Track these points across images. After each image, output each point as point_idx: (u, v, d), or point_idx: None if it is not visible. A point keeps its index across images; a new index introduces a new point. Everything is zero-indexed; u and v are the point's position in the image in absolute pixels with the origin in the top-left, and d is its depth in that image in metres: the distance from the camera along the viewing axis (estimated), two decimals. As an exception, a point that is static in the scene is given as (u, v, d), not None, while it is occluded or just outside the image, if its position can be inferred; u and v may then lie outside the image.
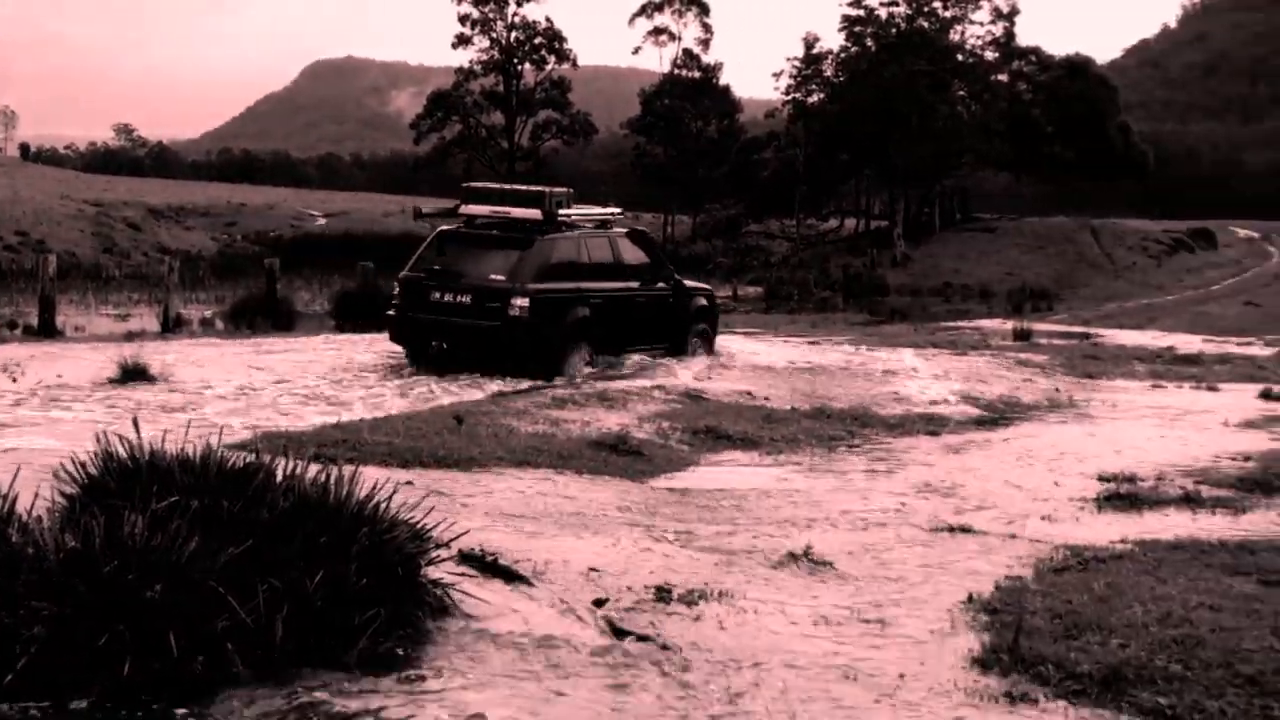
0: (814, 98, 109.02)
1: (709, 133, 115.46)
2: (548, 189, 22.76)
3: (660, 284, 24.13)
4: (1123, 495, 12.67)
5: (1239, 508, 12.28)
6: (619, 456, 13.85)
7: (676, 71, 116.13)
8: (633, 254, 23.62)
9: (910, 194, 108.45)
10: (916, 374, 24.40)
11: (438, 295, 21.30)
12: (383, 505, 7.25)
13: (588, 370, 21.59)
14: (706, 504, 11.83)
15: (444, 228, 22.71)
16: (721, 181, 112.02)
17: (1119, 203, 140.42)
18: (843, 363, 25.79)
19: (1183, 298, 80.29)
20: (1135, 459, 15.03)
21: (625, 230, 24.25)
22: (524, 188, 23.69)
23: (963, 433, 17.64)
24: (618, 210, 25.21)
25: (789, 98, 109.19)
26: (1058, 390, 22.93)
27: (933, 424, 18.15)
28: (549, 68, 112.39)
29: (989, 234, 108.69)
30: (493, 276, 21.05)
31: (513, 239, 21.66)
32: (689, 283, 25.59)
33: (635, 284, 23.45)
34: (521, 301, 20.77)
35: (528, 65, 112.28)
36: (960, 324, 44.90)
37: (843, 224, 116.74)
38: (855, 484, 13.30)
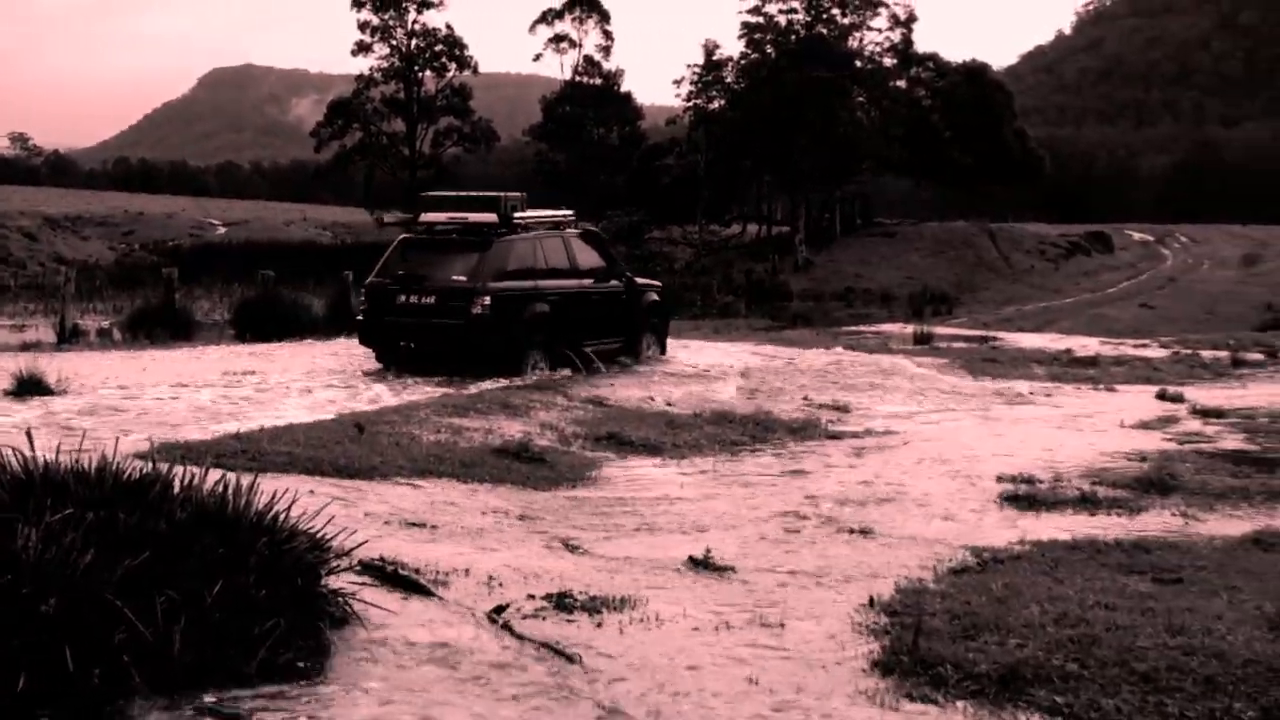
0: (715, 104, 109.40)
1: (611, 139, 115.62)
2: (503, 194, 23.89)
3: (613, 281, 25.39)
4: (1021, 496, 12.81)
5: (1134, 508, 12.44)
6: (521, 464, 13.84)
7: (578, 78, 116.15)
8: (586, 253, 24.91)
9: (812, 199, 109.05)
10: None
11: (403, 298, 22.49)
12: (282, 515, 7.19)
13: (546, 372, 22.69)
14: (608, 511, 11.83)
15: (405, 235, 23.95)
16: (624, 188, 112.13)
17: (1017, 207, 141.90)
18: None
19: (1080, 300, 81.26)
20: (1034, 460, 15.18)
21: (578, 231, 25.53)
22: (480, 194, 24.76)
23: (864, 436, 17.75)
24: (570, 212, 26.15)
25: (690, 104, 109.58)
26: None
27: (833, 429, 18.25)
28: (450, 75, 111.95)
29: (889, 239, 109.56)
30: (455, 278, 22.29)
31: (472, 242, 22.91)
32: (640, 280, 26.90)
33: (589, 281, 24.67)
34: (483, 300, 22.01)
35: (429, 72, 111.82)
36: (862, 328, 45.14)
37: (745, 230, 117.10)
38: (756, 488, 13.34)
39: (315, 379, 21.03)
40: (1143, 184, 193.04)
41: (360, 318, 23.40)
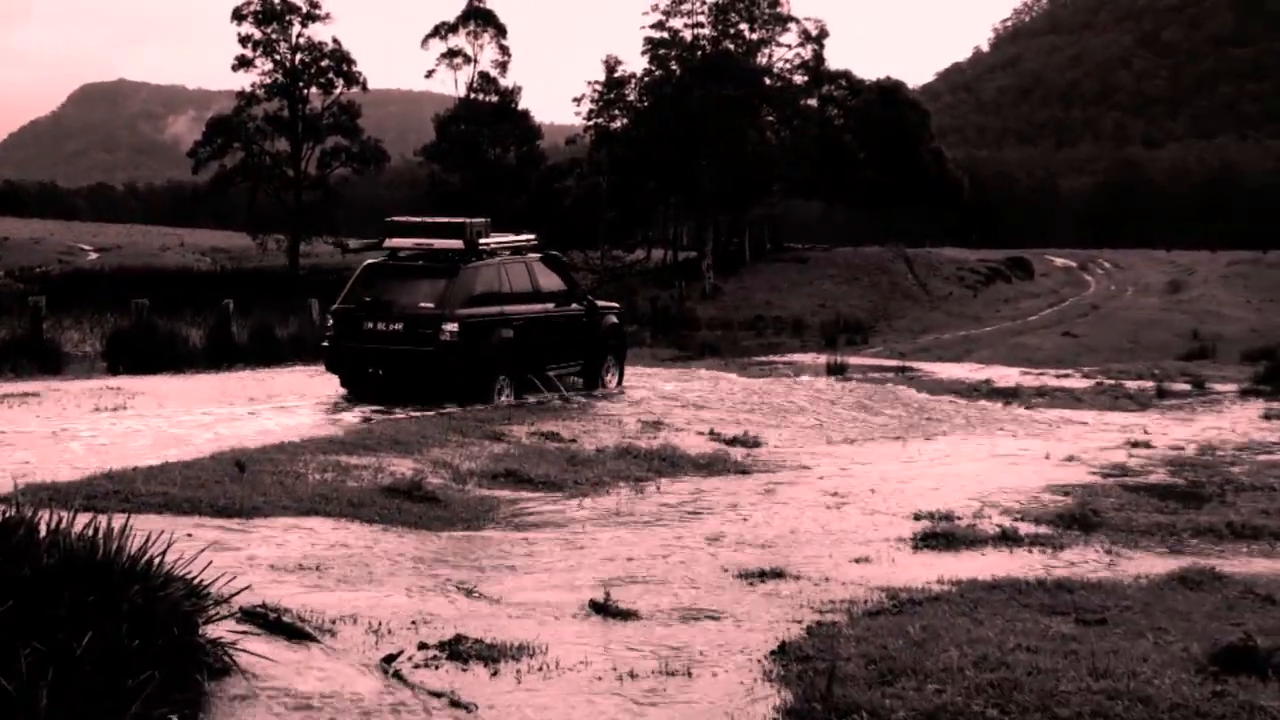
0: (617, 123, 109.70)
1: (508, 159, 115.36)
2: (468, 220, 25.04)
3: (574, 304, 26.65)
4: (939, 534, 12.87)
5: (1057, 545, 12.56)
6: (413, 504, 13.78)
7: (473, 95, 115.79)
8: (547, 278, 26.20)
9: (719, 223, 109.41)
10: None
11: (370, 325, 23.54)
12: (157, 560, 7.12)
13: (511, 399, 23.99)
14: (505, 552, 11.80)
15: (370, 261, 25.12)
16: (522, 210, 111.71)
17: (935, 231, 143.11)
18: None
19: (1000, 329, 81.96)
20: (953, 496, 15.29)
21: (539, 255, 26.59)
22: (445, 220, 25.87)
23: (775, 470, 17.81)
24: (532, 237, 27.31)
25: (591, 123, 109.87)
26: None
27: (743, 464, 18.31)
28: (337, 91, 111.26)
29: (801, 264, 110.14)
30: (423, 304, 23.39)
31: (438, 268, 24.01)
32: (600, 303, 28.10)
33: (551, 305, 25.94)
34: (451, 326, 23.15)
35: (314, 89, 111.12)
36: (773, 358, 45.31)
37: (649, 255, 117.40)
38: (661, 528, 13.34)
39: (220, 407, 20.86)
40: (1064, 206, 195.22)
41: (326, 344, 24.33)
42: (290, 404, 22.54)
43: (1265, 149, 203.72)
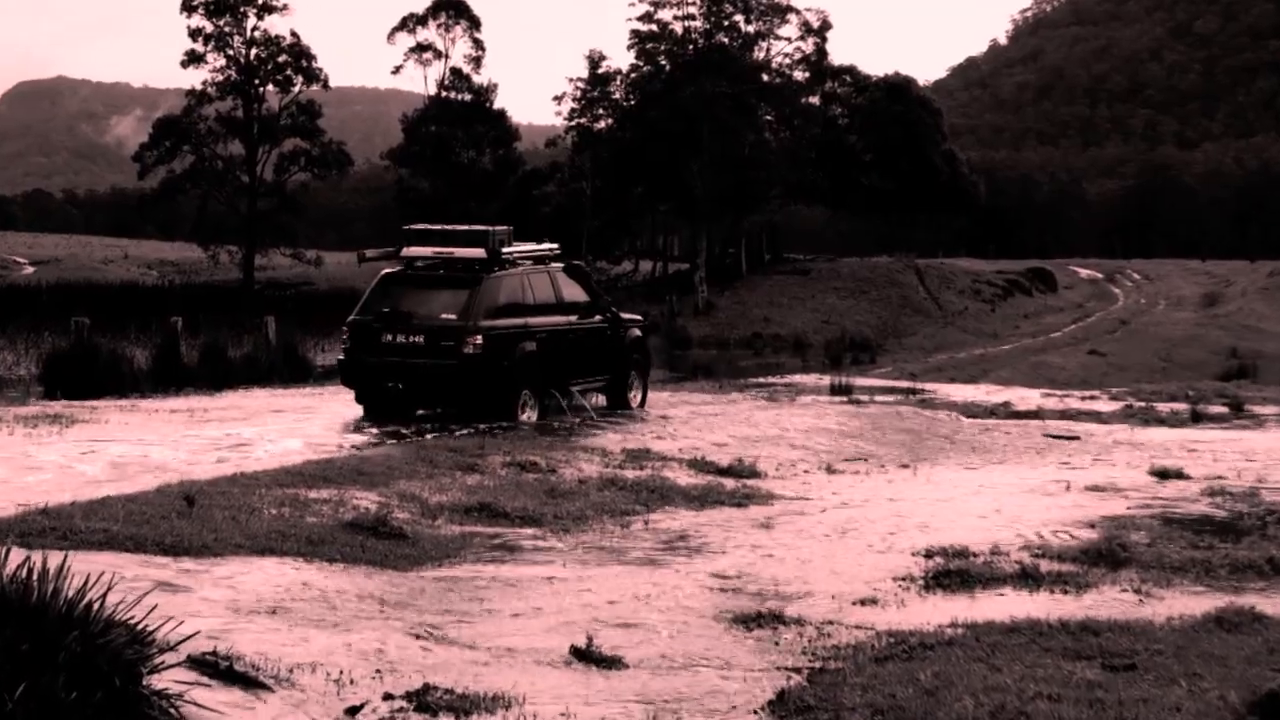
0: (602, 123, 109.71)
1: (483, 163, 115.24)
2: (491, 228, 25.95)
3: (598, 316, 27.51)
4: (953, 572, 12.86)
5: (1081, 583, 12.54)
6: (378, 541, 13.76)
7: (444, 94, 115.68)
8: (570, 289, 27.06)
9: (713, 232, 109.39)
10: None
11: (389, 337, 24.39)
12: (97, 604, 7.11)
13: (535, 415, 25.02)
14: (478, 594, 11.79)
15: (388, 270, 25.83)
16: (498, 218, 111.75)
17: (948, 240, 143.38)
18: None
19: (1020, 346, 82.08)
20: (967, 530, 15.27)
21: (563, 265, 27.48)
22: (467, 227, 27.02)
23: (773, 502, 17.80)
24: (554, 246, 28.05)
25: (573, 123, 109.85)
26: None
27: (738, 496, 18.29)
28: (296, 89, 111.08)
29: (802, 277, 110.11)
30: (444, 316, 24.25)
31: (461, 278, 24.87)
32: (624, 315, 28.80)
33: (575, 317, 26.82)
34: (475, 339, 23.95)
35: (271, 87, 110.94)
36: (772, 380, 45.25)
37: (638, 267, 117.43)
38: (649, 566, 13.34)
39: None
40: (1090, 213, 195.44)
41: (342, 357, 25.14)
42: (245, 430, 22.49)
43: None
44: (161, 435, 21.68)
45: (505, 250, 25.63)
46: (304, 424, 23.75)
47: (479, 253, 25.22)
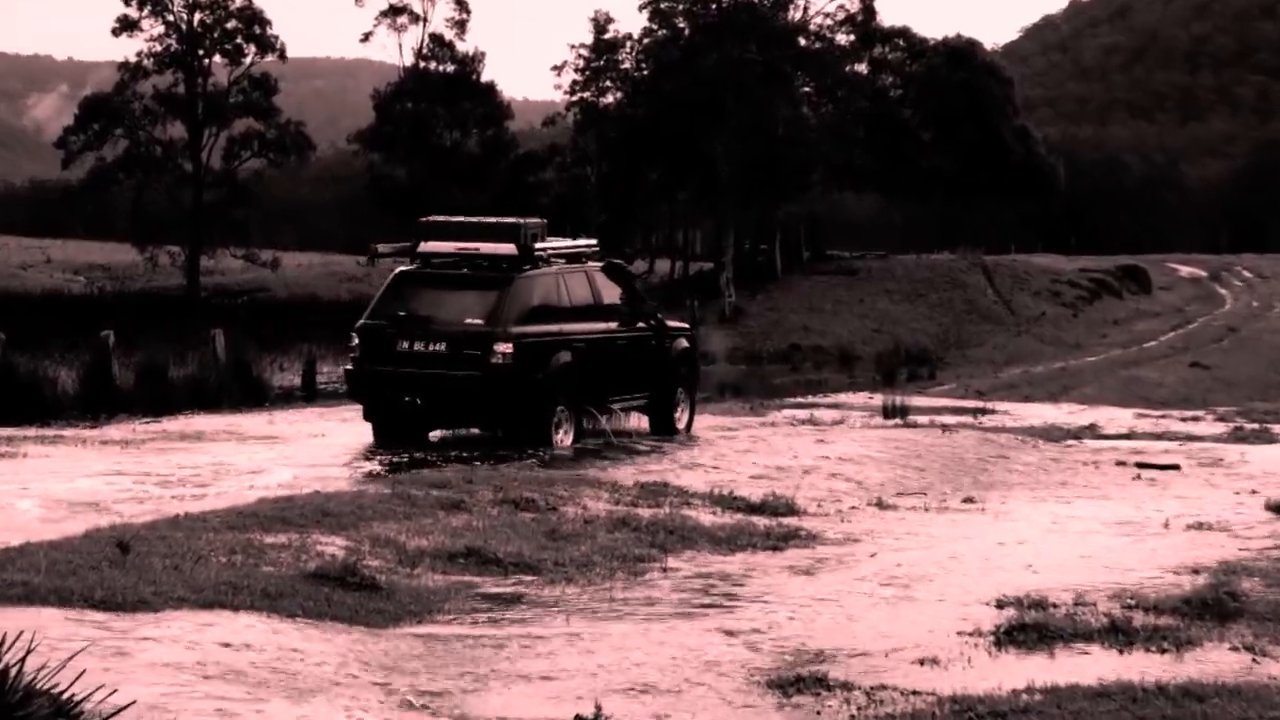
0: (609, 98, 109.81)
1: (468, 146, 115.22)
2: (521, 220, 26.52)
3: (640, 323, 28.15)
4: (1029, 626, 12.82)
5: (1183, 640, 12.48)
6: (347, 593, 13.75)
7: (423, 65, 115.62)
8: (610, 291, 27.78)
9: (742, 225, 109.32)
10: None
11: (405, 345, 24.98)
12: (14, 669, 7.13)
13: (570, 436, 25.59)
14: (467, 654, 11.80)
15: (403, 269, 26.57)
16: (488, 210, 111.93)
17: (1022, 233, 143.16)
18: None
19: (1108, 359, 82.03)
20: (1046, 575, 15.26)
21: (601, 264, 28.22)
22: (494, 220, 27.50)
23: (814, 544, 17.79)
24: (593, 242, 28.98)
25: (575, 98, 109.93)
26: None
27: (773, 537, 18.27)
28: (247, 61, 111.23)
29: (849, 277, 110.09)
30: (469, 320, 24.92)
31: (488, 278, 25.57)
32: (671, 322, 29.34)
33: (615, 324, 27.53)
34: (504, 348, 24.49)
35: (218, 58, 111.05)
36: (813, 400, 45.33)
37: (653, 267, 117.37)
38: (669, 622, 13.33)
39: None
40: (1191, 200, 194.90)
41: (350, 367, 26.01)
42: (190, 463, 22.54)
43: None
44: (90, 470, 21.74)
45: (538, 246, 26.01)
46: (261, 454, 23.82)
47: (508, 248, 25.60)
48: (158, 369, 34.24)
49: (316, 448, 25.27)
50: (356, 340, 25.62)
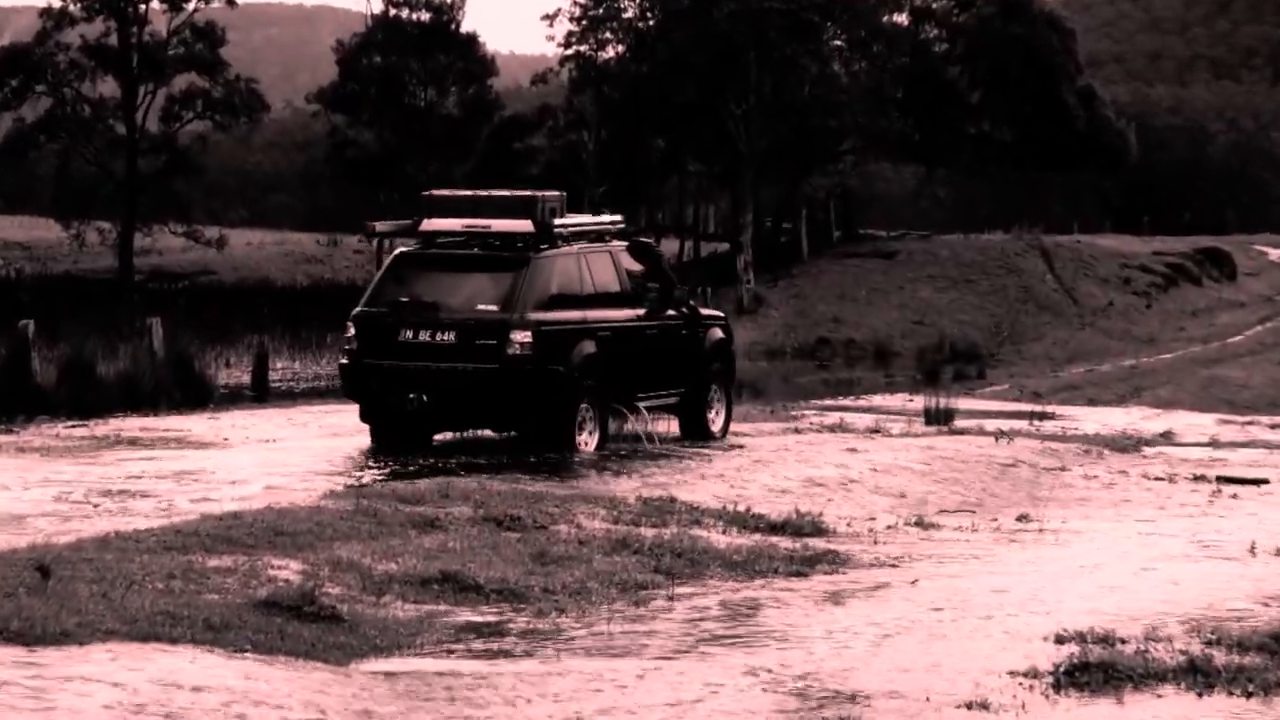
0: (608, 51, 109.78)
1: (446, 107, 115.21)
2: (539, 193, 26.93)
3: (670, 310, 28.44)
4: (1093, 665, 12.81)
5: (1271, 682, 12.48)
6: (303, 625, 13.75)
7: (393, 11, 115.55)
8: (637, 273, 28.04)
9: (763, 201, 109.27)
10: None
11: (408, 334, 25.28)
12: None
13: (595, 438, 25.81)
14: (440, 695, 11.80)
15: (403, 249, 27.06)
16: (468, 181, 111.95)
17: (1087, 211, 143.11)
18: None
19: (1186, 355, 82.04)
20: (1112, 607, 15.26)
21: (626, 243, 28.53)
22: (505, 193, 27.91)
23: (845, 571, 17.78)
24: (618, 218, 29.18)
25: (570, 52, 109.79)
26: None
27: (796, 561, 18.25)
28: (190, 7, 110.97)
29: (886, 261, 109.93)
30: (481, 306, 25.27)
31: (501, 258, 25.89)
32: (704, 310, 29.97)
33: (643, 311, 27.67)
34: (522, 336, 24.73)
35: (156, 3, 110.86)
36: (844, 402, 45.42)
37: (659, 247, 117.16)
38: (678, 660, 13.33)
39: None
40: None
41: (345, 361, 26.14)
42: (122, 474, 22.54)
43: None
44: (5, 481, 21.76)
45: (558, 222, 26.02)
46: (204, 463, 23.82)
47: (524, 225, 25.73)
48: (85, 364, 34.29)
49: (269, 455, 25.28)
50: (352, 330, 25.68)
